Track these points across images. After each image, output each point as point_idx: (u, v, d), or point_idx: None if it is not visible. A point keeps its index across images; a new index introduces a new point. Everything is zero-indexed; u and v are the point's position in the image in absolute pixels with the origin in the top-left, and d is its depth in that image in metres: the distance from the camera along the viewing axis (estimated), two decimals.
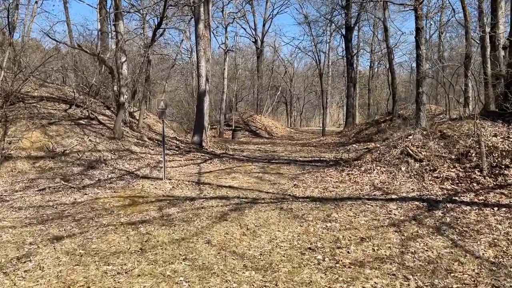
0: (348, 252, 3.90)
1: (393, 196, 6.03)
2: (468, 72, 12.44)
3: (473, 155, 6.62)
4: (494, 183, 5.85)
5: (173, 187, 7.17)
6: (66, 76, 14.43)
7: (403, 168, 7.10)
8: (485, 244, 3.99)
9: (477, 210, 5.02)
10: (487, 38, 10.26)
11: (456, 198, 5.60)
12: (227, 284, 3.22)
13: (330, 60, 27.96)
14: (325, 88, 26.28)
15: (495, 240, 4.05)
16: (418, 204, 5.50)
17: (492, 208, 5.00)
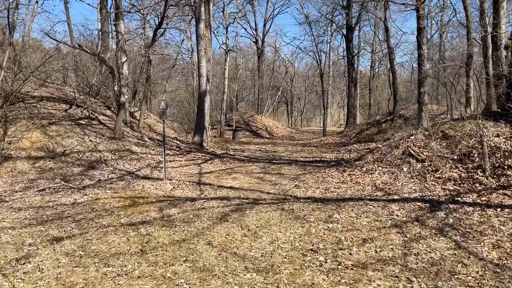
0: (350, 253, 3.86)
1: (395, 197, 5.99)
2: (470, 72, 12.40)
3: (476, 155, 6.58)
4: (497, 183, 5.81)
5: (173, 187, 7.13)
6: (66, 76, 14.41)
7: (405, 169, 7.06)
8: (489, 245, 3.95)
9: (480, 211, 4.98)
10: (489, 38, 10.23)
11: (459, 199, 5.56)
12: (228, 286, 3.18)
13: (331, 60, 27.92)
14: (326, 88, 26.23)
15: (499, 242, 4.01)
16: (420, 205, 5.46)
17: (495, 209, 4.96)
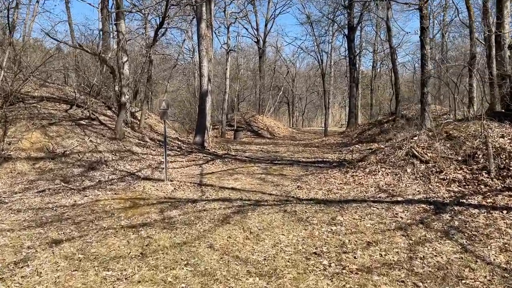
0: (354, 257, 3.78)
1: (399, 199, 5.90)
2: (473, 72, 12.30)
3: (480, 156, 6.49)
4: (502, 185, 5.72)
5: (174, 188, 7.06)
6: (67, 76, 14.35)
7: (408, 170, 6.98)
8: (496, 249, 3.87)
9: (485, 213, 4.90)
10: (492, 38, 10.12)
11: (464, 200, 5.47)
12: None
13: (332, 60, 27.86)
14: (327, 88, 26.15)
15: (506, 245, 3.93)
16: (425, 207, 5.38)
17: (501, 211, 4.87)
